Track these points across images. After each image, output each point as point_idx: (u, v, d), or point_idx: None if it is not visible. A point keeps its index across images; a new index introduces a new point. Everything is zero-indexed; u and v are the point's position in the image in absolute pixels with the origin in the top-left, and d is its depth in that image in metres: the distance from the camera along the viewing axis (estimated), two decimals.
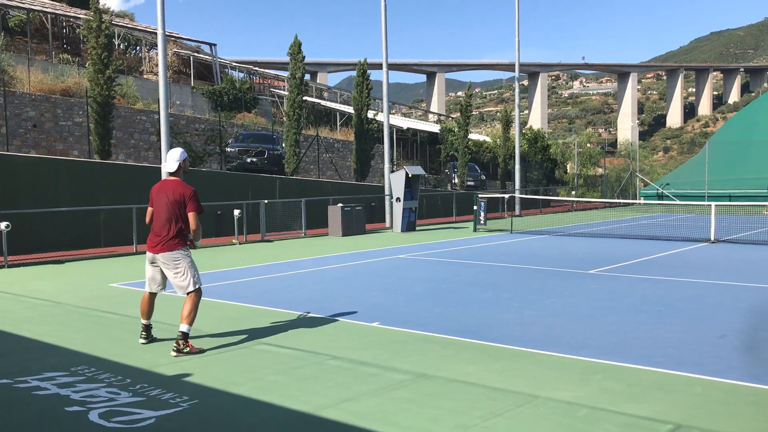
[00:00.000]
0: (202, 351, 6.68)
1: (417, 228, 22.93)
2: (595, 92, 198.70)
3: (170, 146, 17.58)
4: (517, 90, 34.16)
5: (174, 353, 6.55)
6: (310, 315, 8.45)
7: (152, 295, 7.05)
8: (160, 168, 17.40)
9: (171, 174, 6.92)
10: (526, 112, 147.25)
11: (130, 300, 9.78)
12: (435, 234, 21.21)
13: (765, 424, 4.65)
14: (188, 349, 6.60)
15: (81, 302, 9.63)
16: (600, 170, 50.33)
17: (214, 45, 37.53)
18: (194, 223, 6.71)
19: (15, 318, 8.55)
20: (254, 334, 7.44)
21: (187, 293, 6.76)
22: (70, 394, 5.35)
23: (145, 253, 7.05)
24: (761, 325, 7.67)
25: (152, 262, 6.91)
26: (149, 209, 6.93)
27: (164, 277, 6.94)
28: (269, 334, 7.41)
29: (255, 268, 13.36)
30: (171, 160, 6.91)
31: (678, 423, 4.63)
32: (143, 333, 7.11)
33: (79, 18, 29.08)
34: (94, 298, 10.00)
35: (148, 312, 7.05)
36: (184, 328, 6.61)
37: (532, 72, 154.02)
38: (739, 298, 9.44)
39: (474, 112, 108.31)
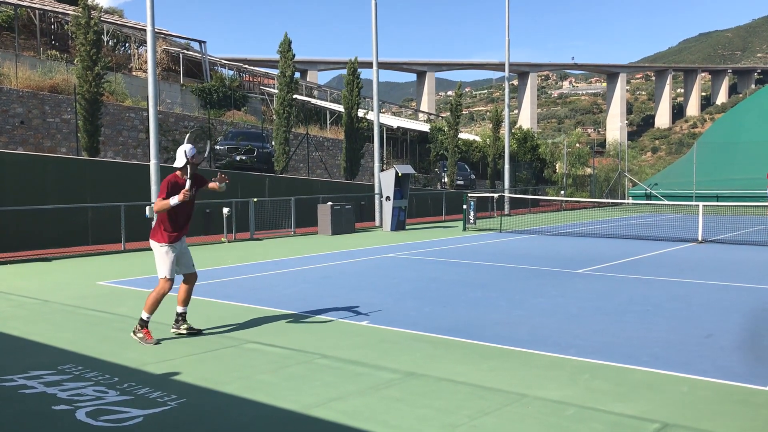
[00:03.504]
0: (157, 342, 6.95)
1: (407, 227, 22.93)
2: (584, 92, 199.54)
3: (159, 144, 17.51)
4: (506, 90, 34.24)
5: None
6: (298, 314, 8.44)
7: (183, 280, 7.43)
8: (148, 165, 17.32)
9: (180, 170, 7.21)
10: (516, 111, 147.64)
11: (117, 298, 9.73)
12: (424, 233, 21.23)
13: (751, 422, 4.69)
14: (142, 335, 6.92)
15: (68, 300, 9.57)
16: (589, 170, 50.55)
17: (204, 42, 37.38)
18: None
19: (1, 316, 8.49)
20: (242, 332, 7.42)
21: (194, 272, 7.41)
22: (57, 393, 5.32)
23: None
24: (748, 325, 7.73)
25: (178, 254, 7.30)
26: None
27: (184, 262, 7.33)
28: (257, 333, 7.39)
29: (244, 266, 13.33)
30: (179, 156, 7.19)
31: (665, 422, 4.65)
32: (174, 323, 7.48)
33: (68, 14, 28.88)
34: (82, 296, 9.95)
35: (183, 298, 7.41)
36: (143, 315, 7.03)
37: (521, 72, 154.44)
38: (726, 298, 9.51)
39: (464, 112, 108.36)
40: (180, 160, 7.15)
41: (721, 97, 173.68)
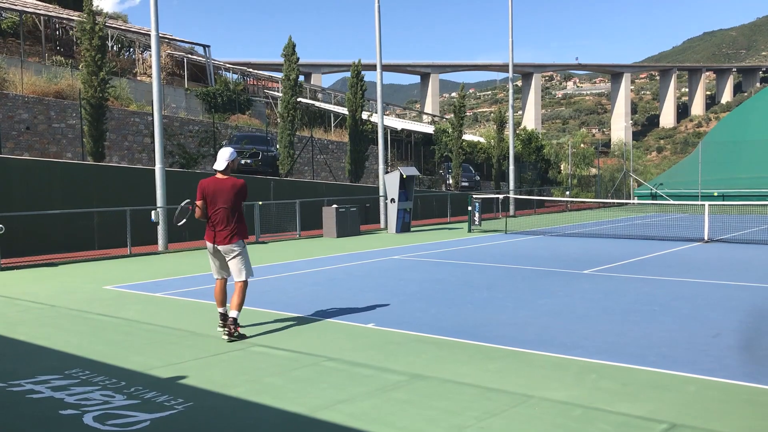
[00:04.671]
0: (244, 336, 7.29)
1: (412, 229, 22.94)
2: (588, 93, 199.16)
3: (164, 148, 17.55)
4: (510, 91, 34.22)
5: (225, 338, 7.19)
6: (305, 316, 8.45)
7: (223, 281, 7.60)
8: (153, 170, 17.37)
9: (220, 172, 7.41)
10: (520, 112, 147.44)
11: (124, 302, 9.76)
12: (430, 235, 21.23)
13: (759, 422, 4.67)
14: (237, 333, 7.21)
15: (75, 305, 9.60)
16: (594, 170, 50.48)
17: (208, 46, 37.48)
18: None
19: (8, 321, 8.52)
20: (249, 335, 7.43)
21: (238, 281, 7.36)
22: (65, 398, 5.33)
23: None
24: (755, 324, 7.70)
25: (213, 253, 7.54)
26: (200, 202, 7.43)
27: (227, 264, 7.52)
28: (264, 336, 7.40)
29: None
30: (221, 159, 7.40)
31: (672, 422, 4.64)
32: (220, 323, 7.47)
33: (73, 20, 29.00)
34: (88, 300, 9.97)
35: (222, 299, 7.50)
36: (233, 314, 7.22)
37: (525, 73, 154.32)
38: (733, 297, 9.48)
39: (468, 113, 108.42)
40: (221, 163, 7.40)
41: (726, 96, 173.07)
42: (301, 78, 28.95)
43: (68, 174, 17.97)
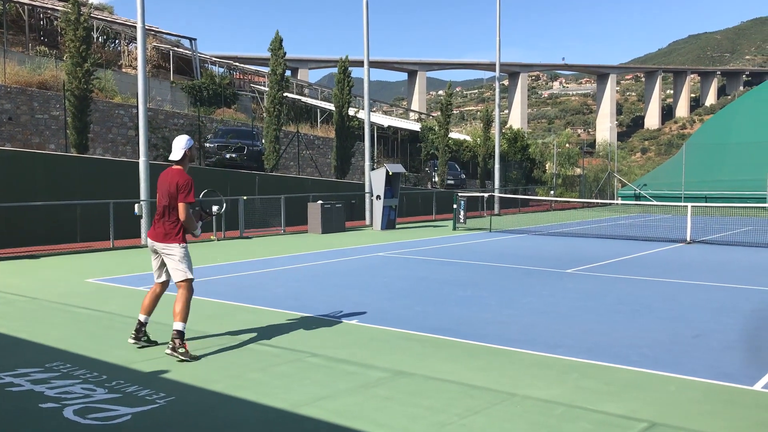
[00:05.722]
0: (195, 358, 6.25)
1: (397, 226, 22.94)
2: (574, 93, 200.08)
3: (148, 141, 17.41)
4: (497, 90, 34.30)
5: (168, 351, 6.27)
6: (288, 312, 8.42)
7: (159, 286, 6.69)
8: (137, 163, 17.23)
9: (176, 163, 6.64)
10: (506, 111, 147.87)
11: (106, 296, 9.68)
12: (415, 232, 21.24)
13: (738, 422, 4.72)
14: (183, 349, 6.20)
15: (56, 298, 9.51)
16: (578, 170, 50.74)
17: (194, 39, 37.21)
18: (182, 213, 6.46)
19: None
20: (232, 331, 7.40)
21: (177, 282, 6.51)
22: (45, 391, 5.28)
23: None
24: (736, 325, 7.78)
25: (153, 251, 6.68)
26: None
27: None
28: (247, 332, 7.37)
29: (233, 264, 13.29)
30: (176, 148, 6.63)
31: (652, 421, 4.68)
32: (133, 332, 6.60)
33: (57, 10, 28.69)
34: (70, 293, 9.89)
35: (148, 306, 6.60)
36: (177, 326, 6.28)
37: (512, 72, 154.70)
38: (714, 298, 9.57)
39: (454, 111, 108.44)
40: (177, 153, 6.60)
41: (710, 99, 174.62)
42: (288, 73, 28.84)
43: (51, 166, 17.78)
